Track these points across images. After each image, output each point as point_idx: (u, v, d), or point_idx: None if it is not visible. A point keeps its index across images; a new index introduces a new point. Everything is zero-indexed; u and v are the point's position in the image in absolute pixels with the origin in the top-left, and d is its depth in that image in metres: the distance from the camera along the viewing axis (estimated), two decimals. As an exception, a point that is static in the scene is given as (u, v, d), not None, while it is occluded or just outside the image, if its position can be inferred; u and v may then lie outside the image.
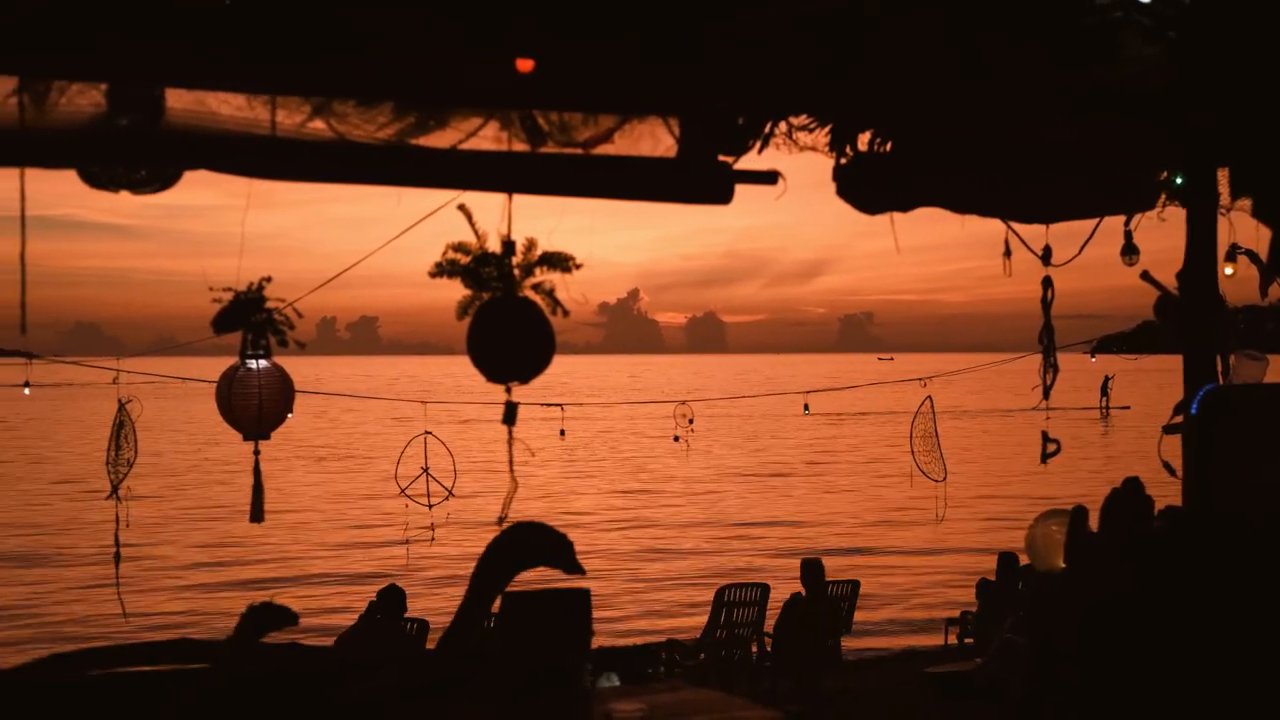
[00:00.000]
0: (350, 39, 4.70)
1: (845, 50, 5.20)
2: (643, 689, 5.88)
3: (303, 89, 5.06)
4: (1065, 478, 37.50)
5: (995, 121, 5.60)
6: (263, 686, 5.38)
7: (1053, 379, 7.22)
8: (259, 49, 4.63)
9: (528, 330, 5.77)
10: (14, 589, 26.69)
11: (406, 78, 5.04)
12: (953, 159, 5.93)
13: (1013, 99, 5.40)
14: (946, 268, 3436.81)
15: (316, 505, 40.15)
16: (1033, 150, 5.89)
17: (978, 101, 5.43)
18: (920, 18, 5.11)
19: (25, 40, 4.37)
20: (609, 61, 5.12)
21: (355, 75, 4.92)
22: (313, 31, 4.63)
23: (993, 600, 15.16)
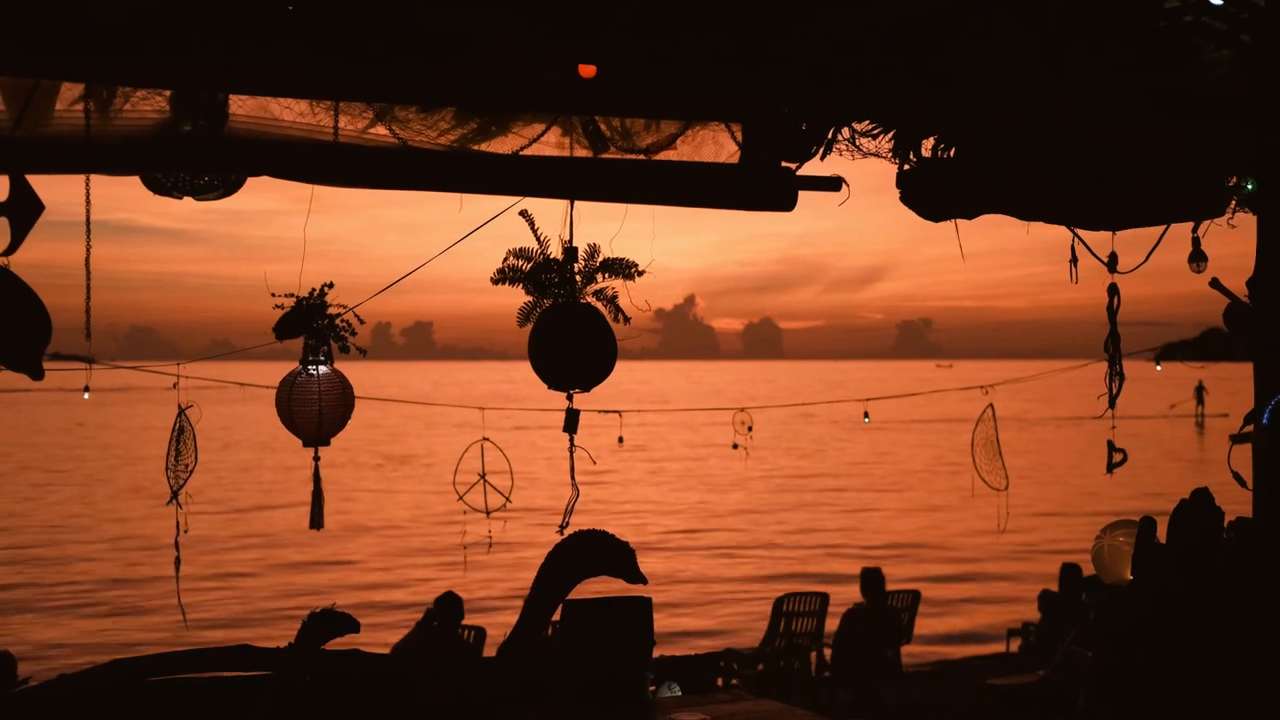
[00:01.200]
0: (420, 42, 4.68)
1: (920, 56, 5.15)
2: (704, 698, 5.82)
3: (368, 94, 5.05)
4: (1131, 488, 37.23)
5: (1068, 127, 5.54)
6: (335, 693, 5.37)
7: (1119, 387, 7.13)
8: (323, 53, 4.62)
9: (590, 337, 5.75)
10: (74, 593, 26.90)
11: (475, 83, 5.01)
12: (1021, 166, 5.86)
13: (1087, 104, 5.34)
14: (1005, 274, 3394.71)
15: (375, 512, 40.29)
16: (1104, 157, 5.81)
17: (1051, 107, 5.37)
18: (997, 23, 5.06)
19: (92, 44, 4.38)
20: (680, 65, 5.08)
21: (423, 80, 4.90)
22: (380, 36, 4.62)
23: (1056, 611, 15.05)
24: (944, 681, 16.99)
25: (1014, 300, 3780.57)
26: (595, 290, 5.86)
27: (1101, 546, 7.87)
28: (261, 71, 4.73)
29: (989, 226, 6.66)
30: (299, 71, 4.75)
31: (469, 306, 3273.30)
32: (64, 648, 21.47)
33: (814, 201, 6.07)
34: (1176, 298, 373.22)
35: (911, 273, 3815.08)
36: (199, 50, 4.50)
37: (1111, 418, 7.08)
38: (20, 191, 4.80)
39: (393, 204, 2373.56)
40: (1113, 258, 6.72)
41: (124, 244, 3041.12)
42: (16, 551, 32.74)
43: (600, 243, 5.87)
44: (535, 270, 5.80)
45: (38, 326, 4.92)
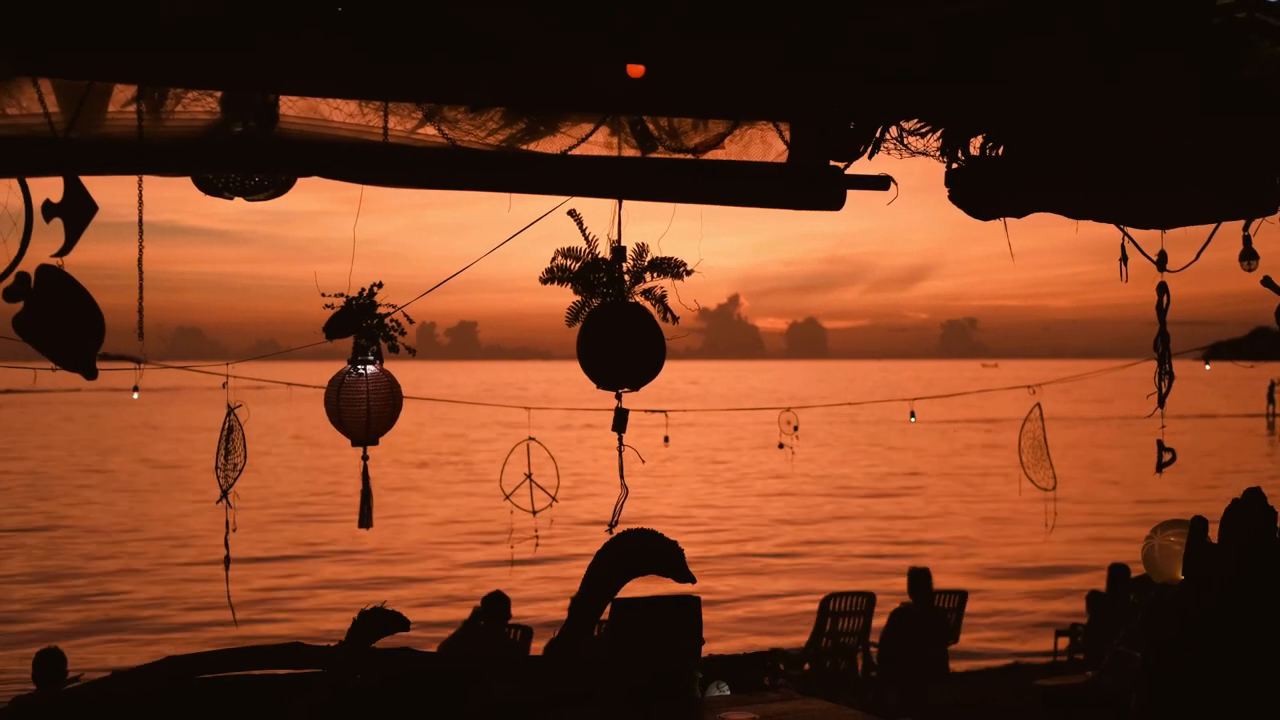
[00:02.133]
0: (469, 42, 4.70)
1: (971, 56, 5.13)
2: (753, 697, 5.82)
3: (418, 95, 5.07)
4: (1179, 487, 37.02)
5: (1121, 126, 5.51)
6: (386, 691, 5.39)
7: (1168, 386, 7.08)
8: (373, 54, 4.64)
9: (639, 336, 5.76)
10: (125, 592, 27.08)
11: (524, 84, 5.03)
12: (1071, 165, 5.83)
13: (1139, 104, 5.31)
14: (1051, 273, 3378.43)
15: (423, 511, 40.43)
16: (1155, 156, 5.78)
17: (1105, 106, 5.34)
18: (1049, 23, 5.03)
19: (146, 45, 4.41)
20: (728, 65, 5.08)
21: (472, 80, 4.92)
22: (430, 37, 4.63)
23: (1104, 612, 14.96)
24: (991, 682, 16.92)
25: (1060, 299, 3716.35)
26: (644, 289, 5.86)
27: (1152, 546, 7.85)
28: (312, 72, 4.76)
29: (1034, 225, 6.62)
30: (348, 72, 4.77)
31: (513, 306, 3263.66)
32: (114, 645, 21.63)
33: (858, 201, 6.08)
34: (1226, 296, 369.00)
35: (956, 272, 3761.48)
36: (250, 51, 4.53)
37: (1161, 417, 7.04)
38: (74, 192, 4.84)
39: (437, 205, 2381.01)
40: (1162, 256, 6.68)
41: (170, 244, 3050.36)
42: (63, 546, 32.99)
43: (649, 242, 5.88)
44: (584, 270, 5.81)
45: (91, 326, 4.95)
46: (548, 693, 5.53)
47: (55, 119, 4.78)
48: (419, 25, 4.61)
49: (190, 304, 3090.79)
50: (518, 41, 4.74)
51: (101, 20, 4.33)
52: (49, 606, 25.39)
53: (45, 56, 4.43)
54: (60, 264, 4.92)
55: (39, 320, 4.88)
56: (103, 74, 4.66)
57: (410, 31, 4.62)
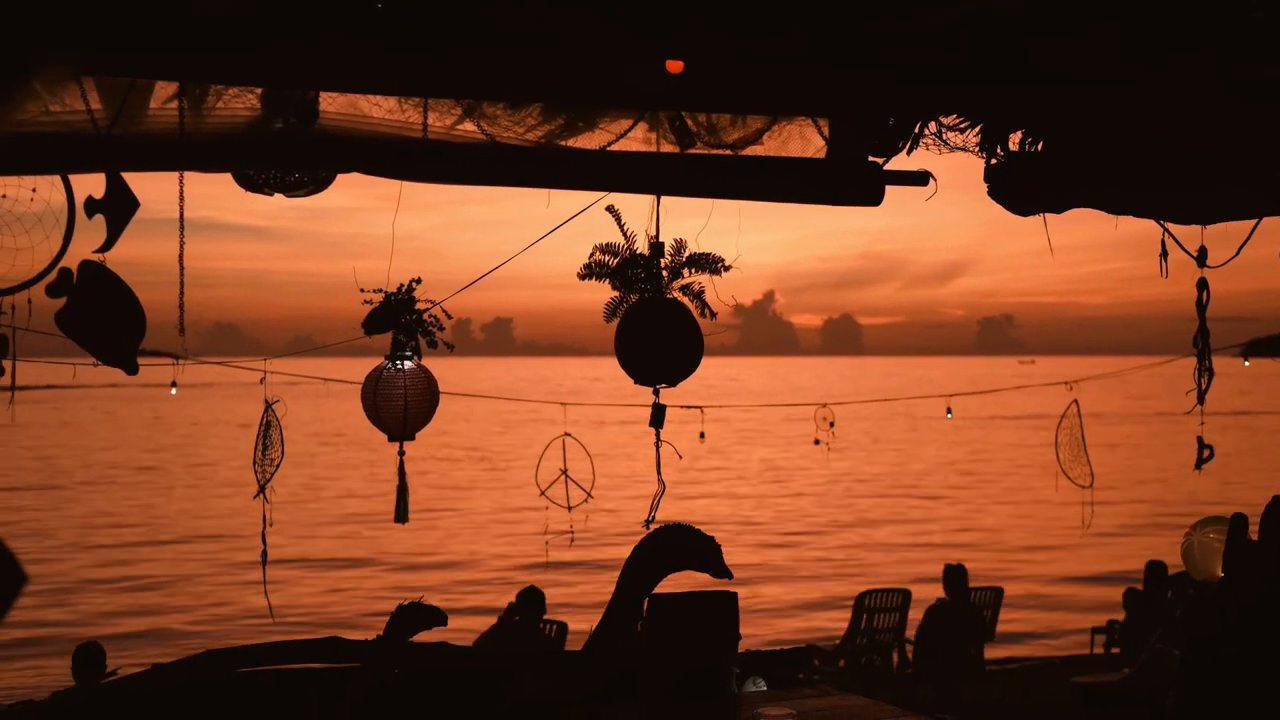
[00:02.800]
0: (509, 40, 4.70)
1: (1012, 53, 5.12)
2: (790, 694, 5.81)
3: (457, 91, 5.08)
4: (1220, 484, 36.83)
5: (1163, 121, 5.48)
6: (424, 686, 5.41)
7: (1208, 383, 7.05)
8: (411, 50, 4.65)
9: (677, 332, 5.75)
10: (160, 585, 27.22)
11: (563, 80, 5.03)
12: (1111, 161, 5.80)
13: (1181, 99, 5.28)
14: (1088, 269, 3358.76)
15: (459, 506, 40.53)
16: (1197, 151, 5.74)
17: (1146, 102, 5.32)
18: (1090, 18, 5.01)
19: (188, 43, 4.43)
20: (768, 62, 5.08)
21: (512, 77, 4.92)
22: (468, 33, 4.64)
23: (1141, 609, 14.91)
24: (1027, 680, 16.86)
25: (1097, 296, 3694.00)
26: (682, 285, 5.86)
27: (1192, 543, 7.81)
28: (352, 69, 4.77)
29: (1071, 221, 6.59)
30: (389, 69, 4.78)
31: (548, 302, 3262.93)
32: (151, 639, 21.74)
33: (894, 196, 6.05)
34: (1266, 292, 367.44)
35: (992, 268, 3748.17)
36: (292, 48, 4.54)
37: (1200, 413, 7.01)
38: (116, 189, 4.86)
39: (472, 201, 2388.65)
40: (1202, 252, 6.64)
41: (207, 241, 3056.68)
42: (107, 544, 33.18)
43: (686, 238, 5.88)
44: (622, 265, 5.81)
45: (133, 322, 4.98)
46: (583, 689, 5.53)
47: (98, 116, 4.81)
48: (459, 21, 4.62)
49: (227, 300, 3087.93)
50: (557, 36, 4.74)
51: (142, 19, 4.35)
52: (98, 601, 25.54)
53: (93, 56, 4.46)
54: (102, 260, 4.95)
55: (81, 316, 4.92)
56: (144, 71, 4.68)
57: (450, 27, 4.63)
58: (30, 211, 4.94)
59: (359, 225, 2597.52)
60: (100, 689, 6.06)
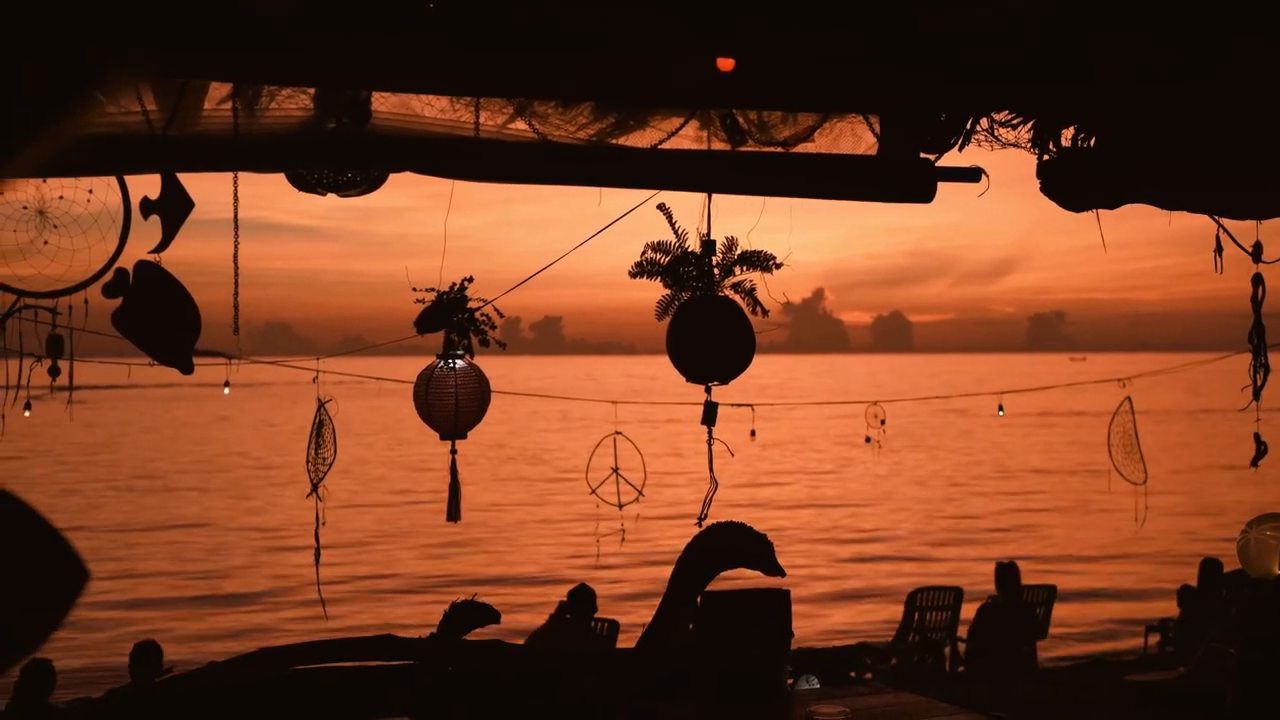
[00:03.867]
0: (561, 39, 4.71)
1: (1068, 51, 5.09)
2: (843, 691, 5.81)
3: (511, 89, 5.09)
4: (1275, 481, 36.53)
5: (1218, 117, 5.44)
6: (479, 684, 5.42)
7: (1264, 379, 6.99)
8: (465, 49, 4.66)
9: (729, 330, 5.75)
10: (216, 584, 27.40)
11: (614, 78, 5.03)
12: (1166, 156, 5.76)
13: (1238, 93, 5.24)
14: (1139, 265, 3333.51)
15: (511, 505, 40.61)
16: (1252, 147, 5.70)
17: (1201, 97, 5.28)
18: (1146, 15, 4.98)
19: (241, 44, 4.46)
20: (819, 59, 5.06)
21: (564, 76, 4.93)
22: (521, 32, 4.65)
23: (1195, 607, 14.81)
24: (1081, 678, 16.77)
25: (1149, 292, 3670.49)
26: (733, 283, 5.86)
27: (1248, 540, 7.76)
28: (404, 69, 4.79)
29: (1122, 217, 6.55)
30: (441, 68, 4.79)
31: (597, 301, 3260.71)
32: (207, 638, 21.88)
33: (944, 193, 6.02)
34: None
35: (1043, 265, 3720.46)
36: (345, 48, 4.56)
37: (1256, 410, 6.96)
38: (171, 189, 4.90)
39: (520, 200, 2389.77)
40: (1257, 247, 6.59)
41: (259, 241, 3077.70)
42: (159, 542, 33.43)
43: (738, 235, 5.88)
44: (673, 263, 5.81)
45: (188, 321, 5.01)
46: (635, 688, 5.54)
47: (153, 117, 4.84)
48: (512, 19, 4.63)
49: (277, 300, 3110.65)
50: (613, 35, 4.74)
51: (196, 19, 4.37)
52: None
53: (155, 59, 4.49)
54: (158, 260, 4.99)
55: (137, 316, 4.95)
56: (203, 72, 4.71)
57: (503, 25, 4.63)
58: (87, 213, 4.99)
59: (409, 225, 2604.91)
60: (155, 687, 6.11)
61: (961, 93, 5.46)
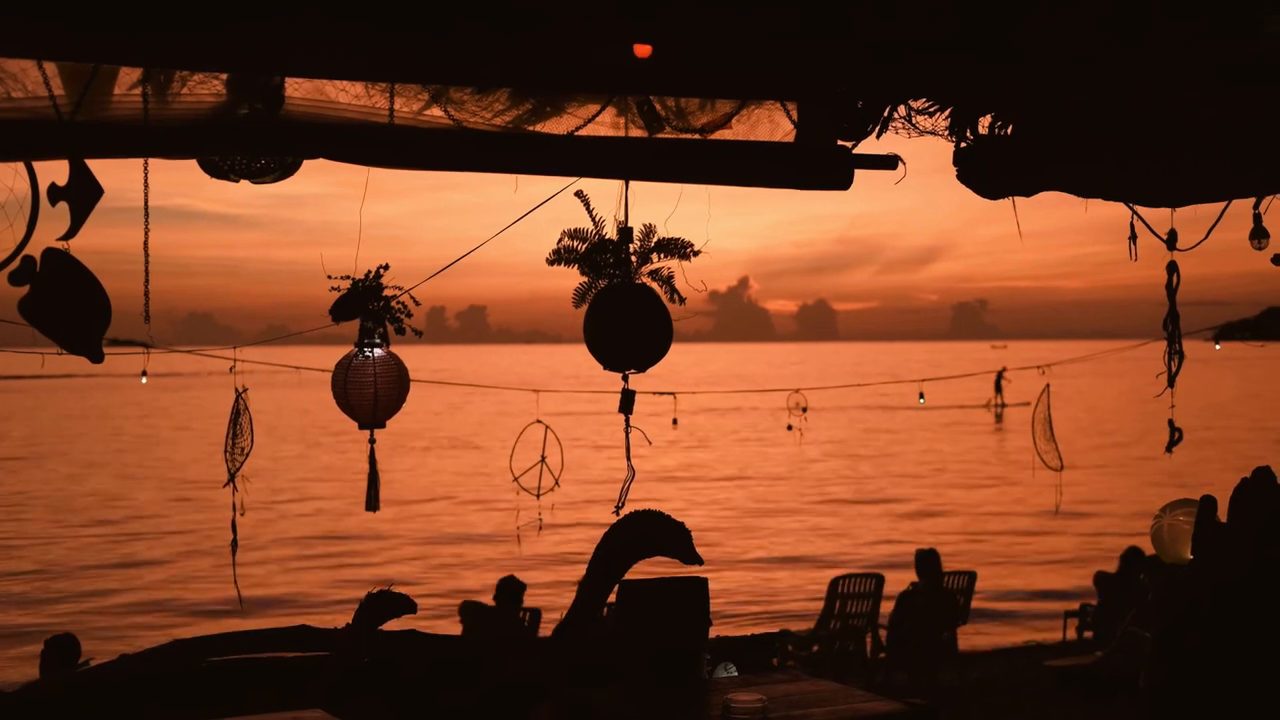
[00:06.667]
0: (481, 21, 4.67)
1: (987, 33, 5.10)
2: (760, 679, 5.80)
3: (428, 76, 5.06)
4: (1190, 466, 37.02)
5: (1137, 101, 5.48)
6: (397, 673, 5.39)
7: (1178, 366, 7.07)
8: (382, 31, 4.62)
9: (645, 317, 5.74)
10: (130, 576, 27.16)
11: (534, 64, 5.01)
12: (1081, 140, 5.80)
13: (1157, 76, 5.28)
14: (1063, 253, 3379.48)
15: (430, 494, 40.48)
16: (1170, 130, 5.75)
17: (1121, 81, 5.32)
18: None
19: (149, 24, 4.40)
20: (738, 42, 5.06)
21: (483, 61, 4.90)
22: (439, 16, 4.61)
23: (1113, 592, 14.97)
24: (1001, 663, 16.92)
25: (1072, 280, 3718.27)
26: (650, 271, 5.85)
27: (1161, 525, 7.84)
28: (317, 51, 4.74)
29: (1046, 206, 6.60)
30: (357, 53, 4.76)
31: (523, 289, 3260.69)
32: (121, 629, 21.68)
33: (872, 182, 6.05)
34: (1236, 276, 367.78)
35: (968, 253, 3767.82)
36: (260, 29, 4.51)
37: (1171, 396, 7.02)
38: (80, 176, 4.83)
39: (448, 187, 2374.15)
40: (1172, 235, 6.66)
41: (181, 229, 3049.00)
42: (70, 534, 33.08)
43: (656, 223, 5.86)
44: (590, 251, 5.79)
45: (97, 309, 4.95)
46: (556, 674, 5.53)
47: (60, 102, 4.77)
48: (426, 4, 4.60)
49: (201, 289, 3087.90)
50: (526, 14, 4.71)
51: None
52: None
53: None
54: (66, 247, 4.92)
55: (44, 304, 4.88)
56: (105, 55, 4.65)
57: (418, 10, 4.60)
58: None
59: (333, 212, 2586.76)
60: (71, 679, 6.04)
61: (878, 76, 5.47)
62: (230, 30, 4.51)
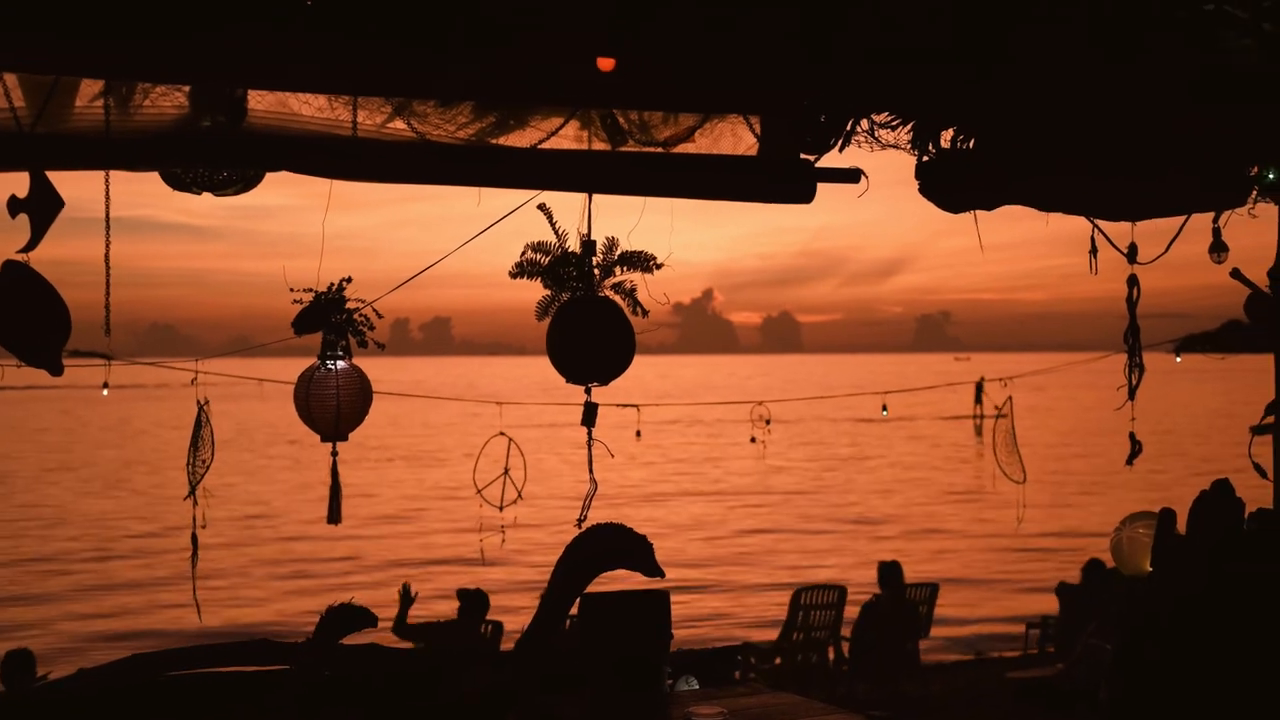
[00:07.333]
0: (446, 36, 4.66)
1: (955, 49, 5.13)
2: (722, 692, 5.82)
3: (392, 89, 5.05)
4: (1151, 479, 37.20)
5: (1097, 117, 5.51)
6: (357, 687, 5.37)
7: (1138, 379, 7.11)
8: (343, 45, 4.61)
9: (608, 330, 5.74)
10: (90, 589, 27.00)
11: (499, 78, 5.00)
12: (1042, 157, 5.84)
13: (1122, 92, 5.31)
14: (1026, 266, 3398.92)
15: (393, 507, 40.38)
16: (1132, 144, 5.78)
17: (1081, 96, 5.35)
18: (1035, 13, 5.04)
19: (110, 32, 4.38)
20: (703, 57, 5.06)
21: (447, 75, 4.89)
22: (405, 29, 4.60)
23: (1074, 603, 15.04)
24: (963, 674, 16.98)
25: (1035, 293, 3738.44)
26: (613, 284, 5.85)
27: (1121, 538, 7.89)
28: (280, 65, 4.73)
29: (1009, 219, 6.65)
30: (321, 65, 4.74)
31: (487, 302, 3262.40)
32: (81, 643, 21.55)
33: (835, 194, 6.06)
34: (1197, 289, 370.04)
35: (931, 265, 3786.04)
36: (223, 43, 4.50)
37: (1131, 409, 7.06)
38: (40, 188, 4.81)
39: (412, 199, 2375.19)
40: (1132, 249, 6.70)
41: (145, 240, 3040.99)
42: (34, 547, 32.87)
43: (619, 236, 5.87)
44: (553, 264, 5.79)
45: (56, 322, 4.92)
46: (519, 687, 5.51)
47: (21, 113, 4.75)
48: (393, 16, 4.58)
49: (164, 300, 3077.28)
50: (492, 29, 4.70)
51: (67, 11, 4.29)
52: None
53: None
54: (26, 259, 4.89)
55: (3, 317, 4.86)
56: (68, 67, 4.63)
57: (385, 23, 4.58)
58: (-49, 211, 4.88)
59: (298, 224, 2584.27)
60: (28, 693, 6.00)
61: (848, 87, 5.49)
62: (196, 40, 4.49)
